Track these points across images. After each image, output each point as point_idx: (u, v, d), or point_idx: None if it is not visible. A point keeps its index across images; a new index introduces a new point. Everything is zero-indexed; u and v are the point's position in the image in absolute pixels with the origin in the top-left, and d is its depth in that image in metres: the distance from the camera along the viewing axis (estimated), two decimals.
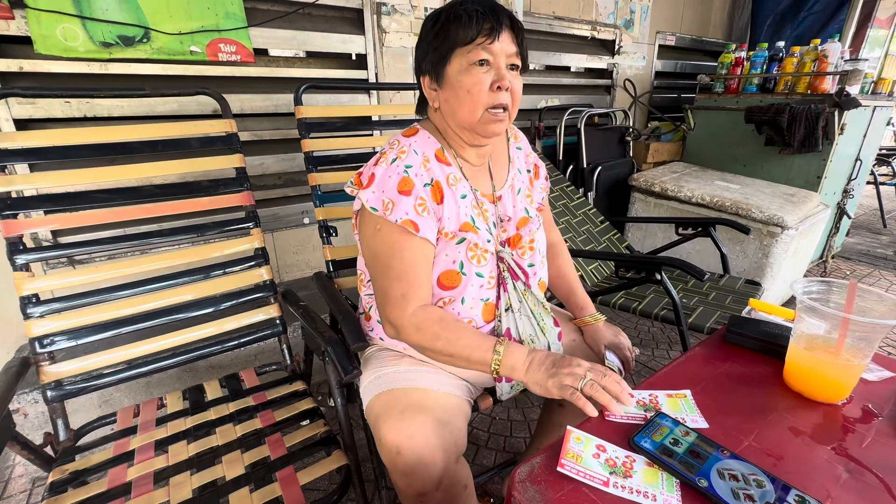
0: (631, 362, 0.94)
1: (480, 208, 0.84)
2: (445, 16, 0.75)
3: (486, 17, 0.72)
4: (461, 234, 0.80)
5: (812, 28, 3.05)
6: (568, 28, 2.41)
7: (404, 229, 0.75)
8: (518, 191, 0.91)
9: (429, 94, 0.82)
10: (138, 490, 0.80)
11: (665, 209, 2.22)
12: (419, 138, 0.82)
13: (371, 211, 0.76)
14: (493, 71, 0.74)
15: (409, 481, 0.71)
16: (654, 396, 0.66)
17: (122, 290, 1.02)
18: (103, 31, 1.29)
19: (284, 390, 1.07)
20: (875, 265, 2.90)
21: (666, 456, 0.54)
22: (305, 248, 1.88)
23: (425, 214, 0.76)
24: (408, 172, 0.76)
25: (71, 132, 1.01)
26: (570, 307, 1.02)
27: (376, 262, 0.78)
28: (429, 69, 0.78)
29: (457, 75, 0.75)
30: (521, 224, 0.89)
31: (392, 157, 0.78)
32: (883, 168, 4.02)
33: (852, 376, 0.65)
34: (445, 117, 0.81)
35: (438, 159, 0.81)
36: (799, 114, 2.09)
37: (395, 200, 0.75)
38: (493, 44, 0.72)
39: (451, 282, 0.80)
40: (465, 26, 0.72)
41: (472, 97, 0.74)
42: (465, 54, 0.73)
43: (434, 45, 0.76)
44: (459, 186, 0.82)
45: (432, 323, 0.74)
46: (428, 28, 0.77)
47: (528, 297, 0.87)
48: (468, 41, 0.73)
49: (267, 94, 1.61)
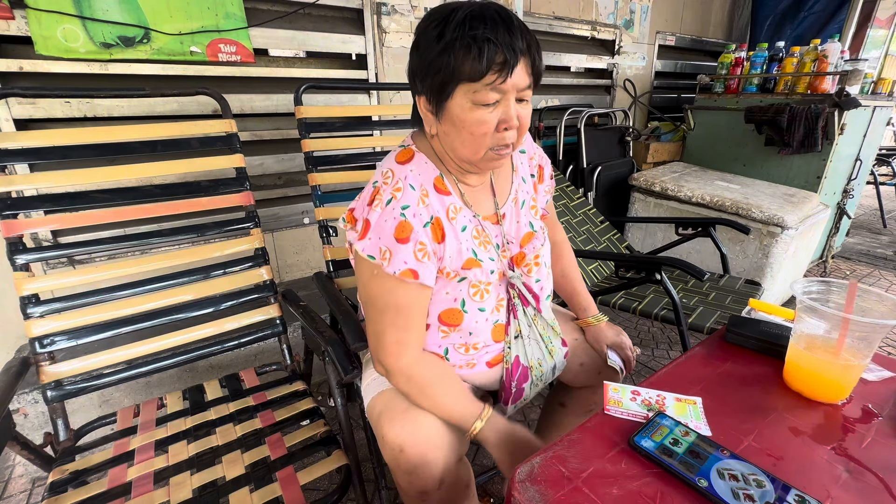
0: (632, 362, 0.95)
1: (482, 236, 0.78)
2: (451, 37, 0.63)
3: (499, 49, 0.62)
4: (463, 273, 0.75)
5: (812, 28, 3.05)
6: (568, 28, 2.41)
7: (402, 279, 0.70)
8: (522, 203, 0.86)
9: (425, 117, 0.72)
10: (138, 490, 0.80)
11: (665, 209, 2.22)
12: (415, 166, 0.74)
13: (369, 259, 0.71)
14: (501, 110, 0.66)
15: (411, 480, 0.71)
16: (661, 398, 0.66)
17: (122, 290, 1.02)
18: (103, 32, 1.29)
19: (284, 390, 1.07)
20: (875, 265, 2.90)
21: (666, 456, 0.54)
22: (305, 248, 1.88)
23: (425, 260, 0.71)
24: (405, 215, 0.70)
25: (71, 132, 1.01)
26: (573, 307, 1.02)
27: (372, 305, 0.74)
28: (426, 93, 0.69)
29: (459, 112, 0.66)
30: (525, 241, 0.84)
31: (387, 197, 0.70)
32: (883, 168, 4.01)
33: (852, 376, 0.65)
34: (444, 146, 0.74)
35: (437, 189, 0.75)
36: (799, 114, 2.09)
37: (393, 249, 0.69)
38: (504, 82, 0.63)
39: (453, 320, 0.77)
40: (474, 60, 0.62)
41: (476, 139, 0.67)
42: (471, 92, 0.64)
43: (435, 68, 0.65)
44: (459, 217, 0.76)
45: (422, 378, 0.73)
46: (429, 40, 0.65)
47: (537, 321, 0.85)
48: (476, 78, 0.63)
49: (267, 94, 1.61)
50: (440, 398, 0.73)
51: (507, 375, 0.83)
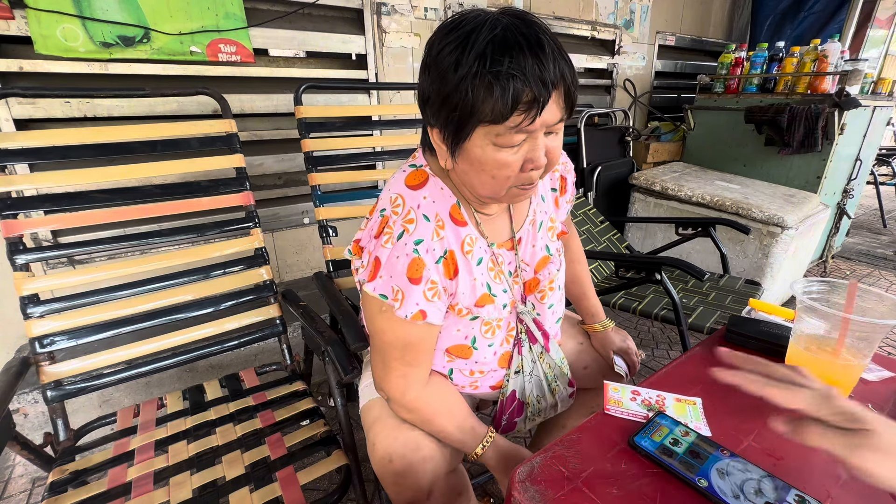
0: (637, 367, 0.95)
1: (497, 266, 0.74)
2: (469, 67, 0.53)
3: (528, 86, 0.52)
4: (476, 312, 0.72)
5: (812, 28, 3.05)
6: (568, 28, 2.41)
7: (413, 322, 0.66)
8: (539, 225, 0.80)
9: (438, 149, 0.63)
10: (138, 490, 0.80)
11: (665, 209, 2.22)
12: (429, 192, 0.67)
13: (380, 299, 0.65)
14: (527, 148, 0.58)
15: (399, 490, 0.72)
16: (661, 398, 0.66)
17: (122, 290, 1.02)
18: (103, 32, 1.29)
19: (284, 390, 1.07)
20: (875, 265, 2.90)
21: (666, 456, 0.54)
22: (305, 248, 1.88)
23: (435, 299, 0.66)
24: (418, 251, 0.64)
25: (71, 132, 1.01)
26: (581, 312, 1.01)
27: (379, 337, 0.71)
28: (440, 127, 0.60)
29: (479, 153, 0.58)
30: (540, 266, 0.79)
31: (398, 231, 0.64)
32: (883, 168, 4.02)
33: (852, 376, 0.65)
34: (461, 180, 0.66)
35: (454, 219, 0.68)
36: (799, 114, 2.09)
37: (406, 291, 0.64)
38: (532, 123, 0.55)
39: (461, 354, 0.76)
40: (497, 101, 0.53)
41: (497, 182, 0.60)
42: (493, 135, 0.56)
43: (451, 103, 0.56)
44: (476, 250, 0.71)
45: (426, 412, 0.72)
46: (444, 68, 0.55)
47: (543, 359, 0.83)
48: (498, 120, 0.54)
49: (267, 94, 1.60)
50: (443, 427, 0.73)
51: (500, 408, 0.83)
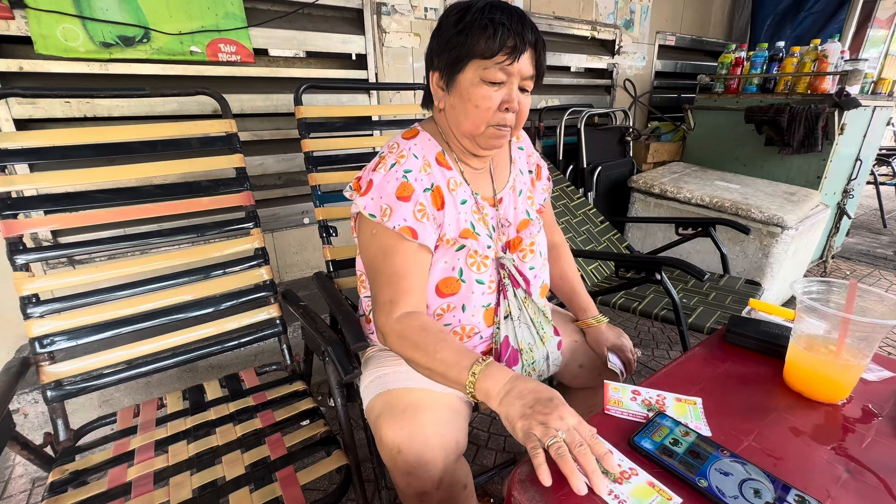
0: (633, 364, 0.94)
1: (480, 213, 0.83)
2: (471, 17, 0.71)
3: (511, 34, 0.70)
4: (461, 241, 0.79)
5: (812, 28, 3.06)
6: (568, 28, 2.41)
7: (401, 235, 0.74)
8: (519, 192, 0.91)
9: (435, 93, 0.80)
10: (138, 490, 0.79)
11: (665, 209, 2.22)
12: (419, 141, 0.81)
13: (369, 217, 0.75)
14: (505, 91, 0.73)
15: (410, 481, 0.71)
16: (661, 397, 0.66)
17: (122, 290, 1.02)
18: (103, 32, 1.29)
19: (284, 390, 1.07)
20: (875, 265, 2.90)
21: (666, 456, 0.54)
22: (305, 248, 1.88)
23: (425, 220, 0.75)
24: (407, 177, 0.75)
25: (71, 132, 1.01)
26: (573, 309, 1.02)
27: (371, 266, 0.78)
28: (441, 67, 0.76)
29: (468, 86, 0.73)
30: (522, 226, 0.88)
31: (391, 161, 0.77)
32: (883, 168, 4.01)
33: (852, 376, 0.65)
34: (449, 121, 0.80)
35: (439, 163, 0.80)
36: (799, 114, 2.09)
37: (394, 206, 0.74)
38: (511, 65, 0.71)
39: (450, 289, 0.79)
40: (489, 39, 0.69)
41: (479, 112, 0.74)
42: (482, 69, 0.71)
43: (452, 45, 0.73)
44: (459, 191, 0.81)
45: (414, 331, 0.70)
46: (450, 23, 0.73)
47: (528, 304, 0.86)
48: (488, 56, 0.70)
49: (267, 94, 1.61)
50: (433, 352, 0.67)
51: (496, 357, 0.83)
